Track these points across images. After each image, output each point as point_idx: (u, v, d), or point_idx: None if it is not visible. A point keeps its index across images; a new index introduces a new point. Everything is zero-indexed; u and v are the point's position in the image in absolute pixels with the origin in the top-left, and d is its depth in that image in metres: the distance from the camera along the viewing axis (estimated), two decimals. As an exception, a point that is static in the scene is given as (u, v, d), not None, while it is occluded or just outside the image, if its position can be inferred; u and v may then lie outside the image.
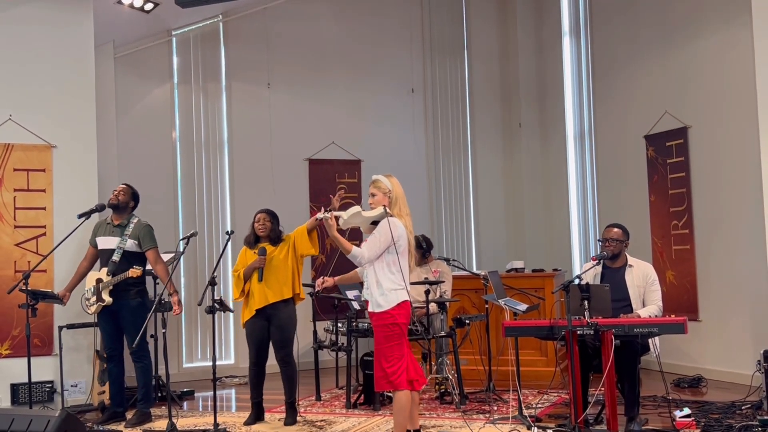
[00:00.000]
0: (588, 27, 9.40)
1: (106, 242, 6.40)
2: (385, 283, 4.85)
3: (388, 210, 4.90)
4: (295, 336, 6.14)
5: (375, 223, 4.94)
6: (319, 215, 4.96)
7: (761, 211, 5.57)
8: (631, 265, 5.78)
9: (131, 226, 6.40)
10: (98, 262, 6.48)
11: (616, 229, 5.79)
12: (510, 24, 10.46)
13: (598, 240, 5.92)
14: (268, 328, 6.07)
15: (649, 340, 5.52)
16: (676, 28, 8.04)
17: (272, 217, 6.19)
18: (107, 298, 6.25)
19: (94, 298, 6.32)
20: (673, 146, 8.01)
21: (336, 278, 5.68)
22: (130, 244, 6.35)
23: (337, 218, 4.94)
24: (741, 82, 7.12)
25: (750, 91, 6.28)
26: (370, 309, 4.94)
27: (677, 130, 7.96)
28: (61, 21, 7.26)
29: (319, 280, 5.46)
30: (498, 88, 10.50)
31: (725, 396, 6.58)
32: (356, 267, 5.41)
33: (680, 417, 5.48)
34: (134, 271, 6.15)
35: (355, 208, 4.91)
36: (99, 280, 6.30)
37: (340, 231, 5.00)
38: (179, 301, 6.21)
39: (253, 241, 6.20)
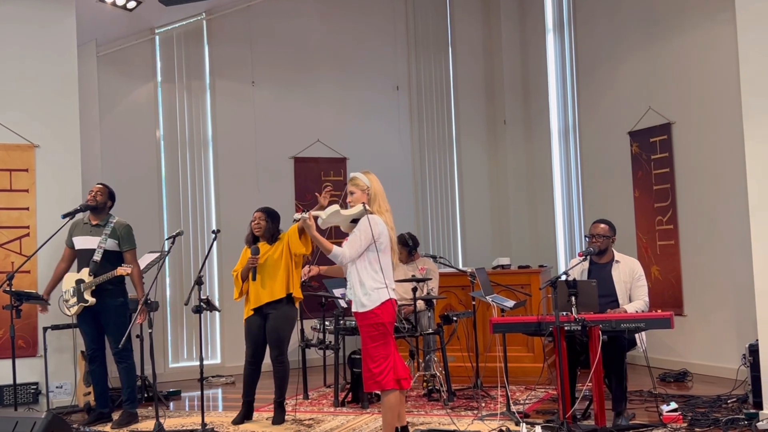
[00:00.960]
0: (572, 23, 9.43)
1: (85, 242, 6.33)
2: (368, 282, 4.79)
3: (367, 207, 4.86)
4: (292, 336, 6.11)
5: (355, 221, 4.88)
6: (296, 216, 4.93)
7: (745, 205, 5.60)
8: (618, 261, 5.80)
9: (111, 225, 6.34)
10: (75, 262, 6.43)
11: (602, 225, 5.81)
12: (494, 20, 10.47)
13: (586, 236, 5.93)
14: (265, 327, 6.06)
15: (636, 336, 5.54)
16: (659, 24, 8.07)
17: (269, 215, 6.15)
18: (90, 299, 6.20)
19: (74, 299, 6.26)
20: (657, 142, 8.05)
21: (322, 268, 5.63)
22: (111, 244, 6.30)
23: (316, 218, 4.92)
24: (724, 77, 7.16)
25: (733, 86, 6.32)
26: (354, 309, 4.89)
27: (661, 126, 7.99)
28: (43, 20, 7.20)
29: (306, 269, 5.45)
30: (482, 85, 10.51)
31: (711, 390, 6.63)
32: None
33: (667, 411, 5.52)
34: (123, 270, 6.09)
35: (334, 207, 4.86)
36: (80, 281, 6.24)
37: (321, 230, 4.97)
38: (144, 311, 6.09)
39: (251, 240, 6.18)
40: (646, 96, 8.18)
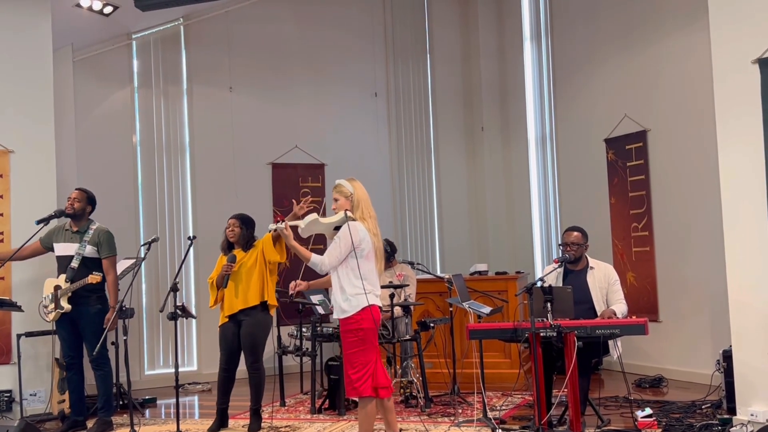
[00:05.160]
0: (549, 32, 9.49)
1: (65, 248, 6.30)
2: (349, 289, 4.82)
3: (349, 214, 4.86)
4: (266, 343, 6.09)
5: (339, 228, 4.90)
6: (271, 226, 4.97)
7: (719, 212, 5.65)
8: (592, 267, 5.84)
9: (91, 232, 6.32)
10: (56, 268, 6.37)
11: (575, 233, 5.84)
12: (472, 28, 10.51)
13: (559, 245, 5.96)
14: (239, 334, 6.02)
15: (610, 342, 5.57)
16: (635, 32, 8.14)
17: (243, 222, 6.12)
18: (66, 305, 6.16)
19: (52, 306, 6.22)
20: (633, 149, 8.11)
21: (311, 282, 5.67)
22: (90, 250, 6.27)
23: (294, 227, 4.92)
24: (699, 85, 7.23)
25: (708, 94, 6.38)
26: (335, 315, 4.92)
27: (636, 134, 8.06)
28: (18, 24, 7.14)
29: (293, 284, 5.46)
30: (460, 92, 10.55)
31: (686, 395, 6.67)
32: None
33: (642, 417, 5.55)
34: (93, 277, 6.05)
35: (312, 216, 4.89)
36: (57, 287, 6.20)
37: (300, 239, 4.98)
38: (113, 319, 6.07)
39: (226, 247, 6.15)
40: (622, 104, 8.25)
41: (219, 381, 6.14)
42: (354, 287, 4.81)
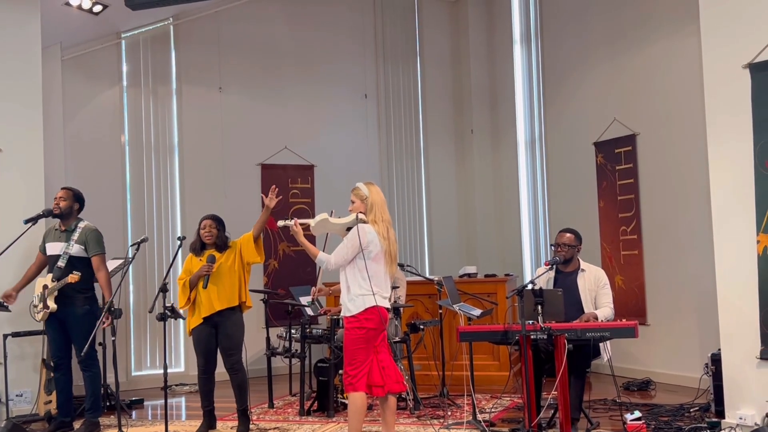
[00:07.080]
0: (539, 35, 9.51)
1: (54, 248, 6.27)
2: (354, 289, 4.96)
3: (361, 216, 4.98)
4: (244, 343, 6.07)
5: (351, 229, 5.02)
6: (280, 223, 5.08)
7: (708, 216, 5.68)
8: (583, 270, 5.85)
9: (78, 231, 6.27)
10: (47, 267, 6.34)
11: (568, 234, 5.86)
12: (462, 31, 10.52)
13: (551, 245, 5.98)
14: (216, 336, 5.99)
15: (600, 345, 5.58)
16: (625, 36, 8.17)
17: (218, 223, 6.07)
18: (52, 305, 6.11)
19: (41, 305, 6.18)
20: (622, 153, 8.14)
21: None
22: (77, 249, 6.22)
23: (306, 225, 5.09)
24: (688, 89, 7.27)
25: (697, 98, 6.42)
26: (342, 313, 5.10)
27: (626, 138, 8.09)
28: (7, 22, 7.09)
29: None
30: (450, 95, 10.56)
31: (674, 399, 6.70)
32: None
33: (631, 420, 5.56)
34: (72, 277, 5.98)
35: (322, 216, 5.07)
36: (45, 287, 6.16)
37: (311, 238, 5.08)
38: (108, 316, 6.04)
39: (198, 248, 6.07)
40: (612, 107, 8.28)
41: (200, 384, 6.08)
42: (360, 288, 4.93)
